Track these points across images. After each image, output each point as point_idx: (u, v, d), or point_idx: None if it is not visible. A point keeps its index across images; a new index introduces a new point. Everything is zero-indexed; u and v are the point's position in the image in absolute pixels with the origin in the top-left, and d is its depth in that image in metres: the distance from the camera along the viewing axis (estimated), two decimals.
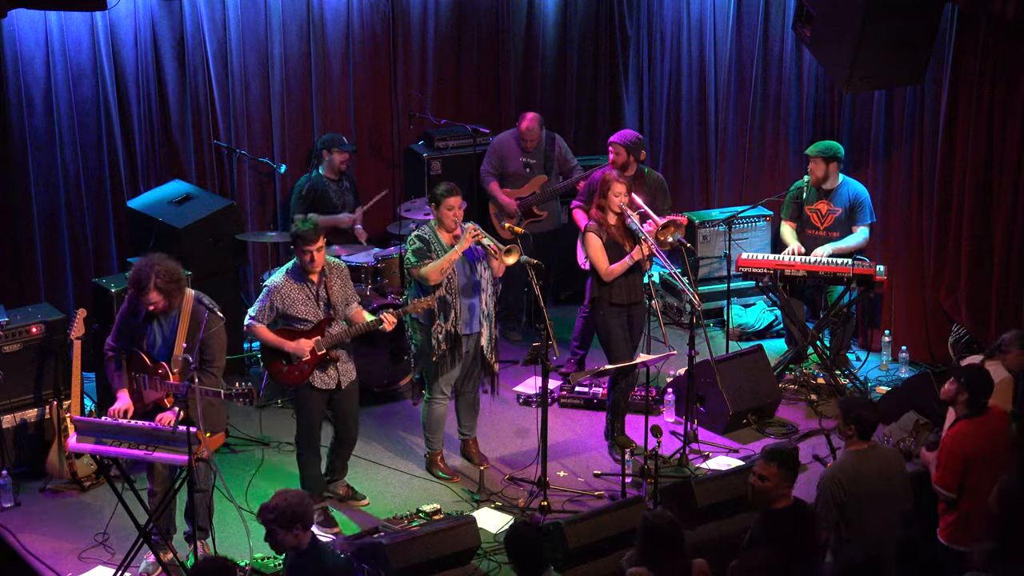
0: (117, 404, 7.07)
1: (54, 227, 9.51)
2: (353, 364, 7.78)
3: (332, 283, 7.59)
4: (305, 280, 7.54)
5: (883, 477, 6.52)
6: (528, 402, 9.25)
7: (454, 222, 7.97)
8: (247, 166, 10.21)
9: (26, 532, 7.58)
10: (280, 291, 7.51)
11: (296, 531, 5.78)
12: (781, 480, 6.16)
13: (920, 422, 8.34)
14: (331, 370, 7.62)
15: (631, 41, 11.67)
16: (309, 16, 10.31)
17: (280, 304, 7.51)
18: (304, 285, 7.54)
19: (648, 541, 5.74)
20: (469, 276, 8.09)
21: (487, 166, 10.15)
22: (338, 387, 7.67)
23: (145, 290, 6.92)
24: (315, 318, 7.55)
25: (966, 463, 6.68)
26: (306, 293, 7.53)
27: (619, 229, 8.28)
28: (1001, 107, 8.89)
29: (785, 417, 9.03)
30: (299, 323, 7.55)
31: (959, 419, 6.83)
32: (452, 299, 8.00)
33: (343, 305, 7.65)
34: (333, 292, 7.57)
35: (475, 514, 7.70)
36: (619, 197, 8.20)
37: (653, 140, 11.50)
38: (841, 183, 9.46)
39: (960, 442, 6.72)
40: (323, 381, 7.62)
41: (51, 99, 9.33)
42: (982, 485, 6.50)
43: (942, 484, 6.76)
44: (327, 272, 7.58)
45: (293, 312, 7.52)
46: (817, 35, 9.09)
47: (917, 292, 9.77)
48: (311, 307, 7.54)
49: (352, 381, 7.76)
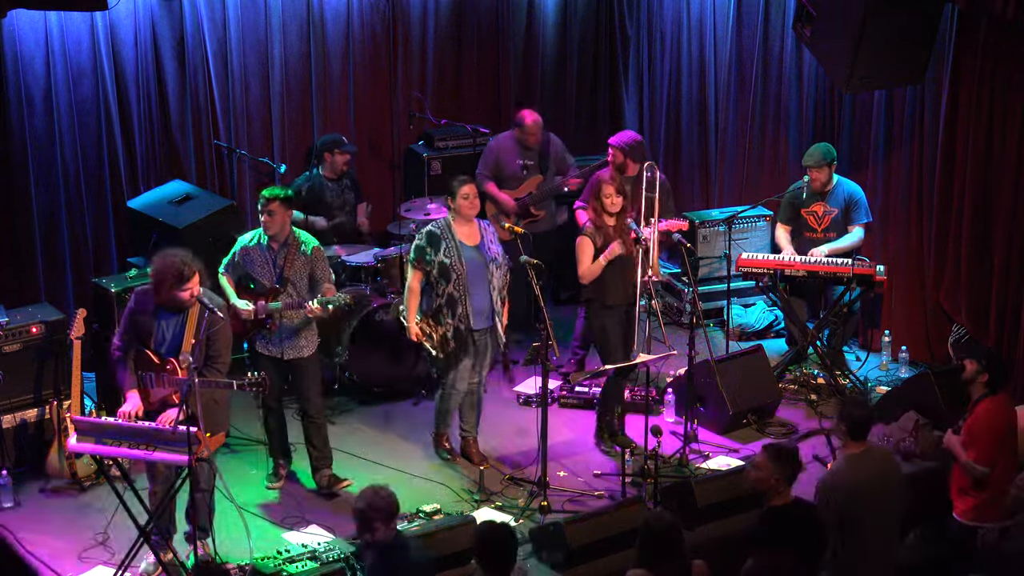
0: (127, 405, 7.02)
1: (54, 227, 9.51)
2: (308, 343, 8.03)
3: (294, 259, 7.88)
4: (266, 247, 7.92)
5: (881, 480, 6.56)
6: (528, 402, 9.25)
7: (471, 210, 8.15)
8: (247, 166, 10.21)
9: (26, 532, 7.57)
10: (245, 248, 7.99)
11: (392, 525, 6.01)
12: (774, 473, 6.19)
13: (920, 422, 8.34)
14: (272, 337, 7.96)
15: (631, 41, 11.67)
16: (309, 16, 10.32)
17: (240, 260, 7.99)
18: (265, 250, 7.93)
19: (648, 542, 5.74)
20: (480, 274, 8.13)
21: (482, 169, 10.12)
22: (281, 358, 7.97)
23: (186, 279, 6.94)
24: (268, 283, 7.92)
25: (999, 437, 6.98)
26: (264, 258, 7.94)
27: (617, 231, 8.26)
28: (1001, 107, 8.88)
29: (785, 417, 9.03)
30: (253, 284, 7.99)
31: (982, 397, 7.13)
32: (461, 296, 8.04)
33: (302, 283, 7.91)
34: (290, 266, 7.89)
35: (475, 514, 7.70)
36: (609, 199, 8.20)
37: (653, 140, 11.50)
38: (836, 183, 9.46)
39: (992, 418, 7.04)
40: (265, 348, 8.00)
41: (51, 99, 9.33)
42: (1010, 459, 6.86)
43: (978, 460, 6.97)
44: (290, 248, 7.89)
45: (251, 271, 7.98)
46: (817, 35, 9.09)
47: (917, 292, 9.76)
48: (267, 271, 7.93)
49: (302, 358, 8.01)
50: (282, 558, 7.12)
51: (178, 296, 7.00)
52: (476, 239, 8.19)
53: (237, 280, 8.06)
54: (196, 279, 7.02)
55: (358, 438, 8.79)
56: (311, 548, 7.22)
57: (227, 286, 8.02)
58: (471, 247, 8.16)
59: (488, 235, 8.25)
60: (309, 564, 7.05)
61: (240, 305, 7.88)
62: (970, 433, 7.04)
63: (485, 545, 5.80)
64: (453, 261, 8.06)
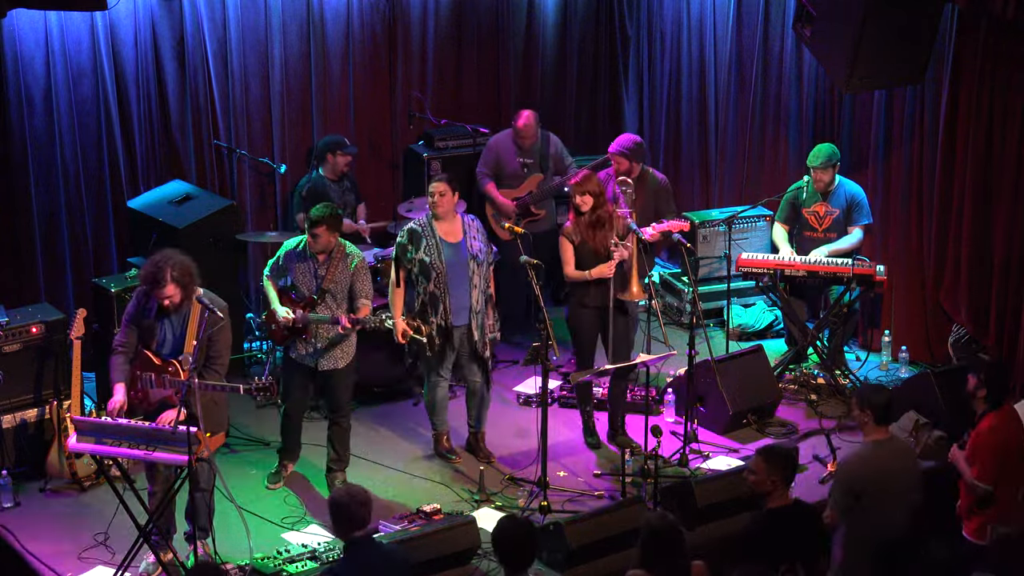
0: (115, 398, 7.03)
1: (54, 227, 9.51)
2: (344, 354, 8.03)
3: (336, 271, 7.88)
4: (311, 256, 7.91)
5: (903, 469, 6.53)
6: (528, 402, 9.25)
7: (441, 207, 8.16)
8: (247, 166, 10.21)
9: (26, 532, 7.56)
10: (289, 255, 8.00)
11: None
12: (769, 476, 6.18)
13: (920, 422, 8.34)
14: (308, 347, 7.95)
15: (631, 41, 11.67)
16: (309, 16, 10.31)
17: (284, 264, 8.01)
18: (309, 259, 7.93)
19: (650, 543, 5.74)
20: (461, 272, 8.15)
21: (482, 167, 10.14)
22: (316, 368, 7.97)
23: (162, 283, 6.92)
24: (308, 291, 7.90)
25: (1003, 453, 6.77)
26: (307, 266, 7.93)
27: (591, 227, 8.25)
28: (1001, 107, 8.89)
29: (785, 417, 9.03)
30: (294, 291, 7.98)
31: (985, 413, 6.91)
32: (441, 294, 8.08)
33: (341, 295, 7.90)
34: (330, 278, 7.87)
35: (475, 514, 7.70)
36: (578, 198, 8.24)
37: (653, 140, 11.50)
38: (838, 184, 9.46)
39: (993, 434, 6.81)
40: (299, 355, 7.99)
41: (51, 99, 9.33)
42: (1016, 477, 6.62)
43: (982, 477, 6.77)
44: (335, 259, 7.88)
45: (292, 279, 7.98)
46: (817, 35, 9.09)
47: (917, 292, 9.76)
48: (307, 280, 7.93)
49: (337, 369, 8.01)
50: (282, 558, 7.12)
51: (157, 299, 6.99)
52: (458, 236, 8.21)
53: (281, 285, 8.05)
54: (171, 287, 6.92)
55: (358, 438, 8.78)
56: (311, 548, 7.23)
57: (271, 290, 8.02)
58: (452, 244, 8.18)
59: (472, 231, 8.26)
60: (309, 564, 7.06)
61: (281, 312, 7.86)
62: (973, 449, 6.86)
63: (503, 540, 5.79)
64: (433, 259, 8.10)
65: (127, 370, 7.13)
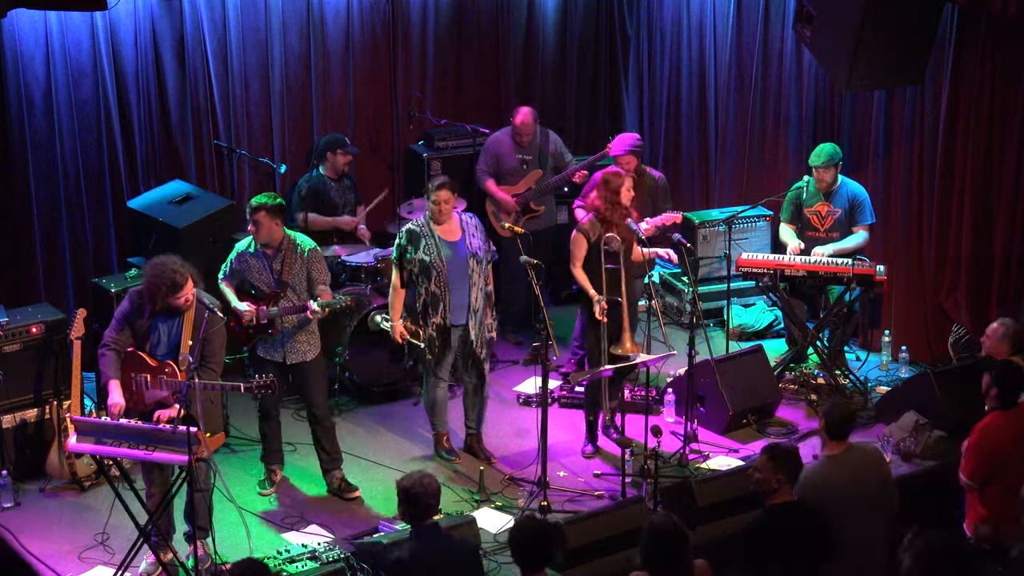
0: (112, 397, 7.04)
1: (54, 227, 9.51)
2: (311, 346, 8.00)
3: (291, 262, 7.86)
4: (262, 252, 7.89)
5: (855, 481, 6.45)
6: (528, 402, 9.25)
7: (445, 216, 8.14)
8: (247, 166, 10.21)
9: (26, 532, 7.57)
10: (241, 255, 7.98)
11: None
12: (774, 473, 6.19)
13: (920, 422, 8.33)
14: (274, 343, 7.92)
15: (631, 41, 11.67)
16: (309, 16, 10.31)
17: (238, 266, 7.98)
18: (260, 256, 7.90)
19: (653, 545, 5.73)
20: (461, 270, 8.14)
21: (482, 165, 10.15)
22: (285, 363, 7.93)
23: (182, 283, 6.98)
24: (267, 287, 7.88)
25: (993, 455, 6.73)
26: (260, 264, 7.92)
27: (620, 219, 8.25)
28: (1001, 107, 8.89)
29: (785, 417, 9.03)
30: (254, 290, 7.95)
31: (991, 411, 6.89)
32: (442, 293, 8.07)
33: (301, 286, 7.88)
34: (288, 270, 7.85)
35: (475, 514, 7.70)
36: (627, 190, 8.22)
37: (653, 140, 11.50)
38: (840, 184, 9.46)
39: (990, 434, 6.79)
40: (267, 353, 7.96)
41: (51, 99, 9.33)
42: (1011, 479, 6.54)
43: (967, 474, 6.78)
44: (285, 250, 7.86)
45: (248, 278, 7.95)
46: (817, 35, 9.09)
47: (917, 292, 9.76)
48: (264, 277, 7.91)
49: (305, 362, 7.97)
50: (282, 558, 7.11)
51: (173, 303, 7.03)
52: (457, 234, 8.21)
53: (237, 286, 8.04)
54: (190, 284, 7.04)
55: (358, 438, 8.79)
56: (311, 548, 7.22)
57: (228, 292, 8.01)
58: (451, 243, 8.18)
59: (470, 228, 8.27)
60: (309, 564, 7.05)
61: (241, 308, 7.85)
62: (967, 445, 6.85)
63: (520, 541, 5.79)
64: (433, 258, 8.10)
65: (119, 367, 7.14)
